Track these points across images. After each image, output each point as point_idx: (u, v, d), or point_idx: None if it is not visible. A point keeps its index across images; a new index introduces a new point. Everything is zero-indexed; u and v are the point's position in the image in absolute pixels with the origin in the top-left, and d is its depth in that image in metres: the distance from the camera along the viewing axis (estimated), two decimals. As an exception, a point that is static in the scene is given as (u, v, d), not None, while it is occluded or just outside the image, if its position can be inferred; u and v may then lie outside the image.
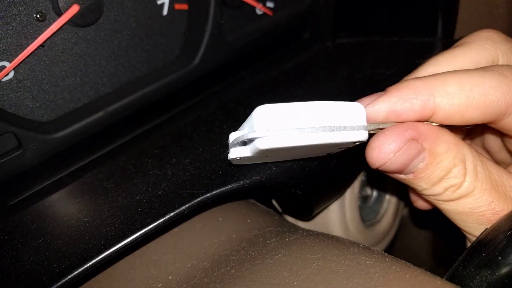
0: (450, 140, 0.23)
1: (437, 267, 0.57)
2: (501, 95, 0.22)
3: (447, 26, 0.43)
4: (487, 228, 0.23)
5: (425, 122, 0.23)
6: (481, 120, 0.23)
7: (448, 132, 0.23)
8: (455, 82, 0.23)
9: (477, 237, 0.23)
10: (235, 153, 0.23)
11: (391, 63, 0.39)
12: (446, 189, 0.23)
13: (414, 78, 0.24)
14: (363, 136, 0.22)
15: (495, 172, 0.23)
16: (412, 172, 0.23)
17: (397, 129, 0.23)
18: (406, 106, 0.23)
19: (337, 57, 0.44)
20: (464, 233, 0.25)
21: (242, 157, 0.23)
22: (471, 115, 0.23)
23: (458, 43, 0.27)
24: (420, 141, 0.23)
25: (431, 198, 0.24)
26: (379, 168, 0.24)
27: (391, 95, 0.23)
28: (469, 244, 0.24)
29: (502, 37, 0.26)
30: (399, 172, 0.24)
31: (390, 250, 0.51)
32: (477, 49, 0.25)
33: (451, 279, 0.22)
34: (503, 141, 0.29)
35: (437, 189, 0.24)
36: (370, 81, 0.37)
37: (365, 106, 0.23)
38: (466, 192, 0.23)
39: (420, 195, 0.25)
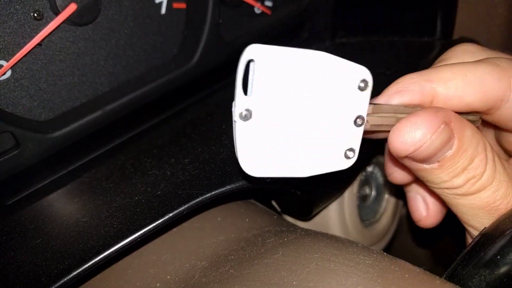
0: (472, 127, 0.22)
1: (436, 267, 0.57)
2: (496, 80, 0.22)
3: (445, 26, 0.43)
4: (485, 227, 0.23)
5: None
6: (480, 105, 0.23)
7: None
8: (448, 70, 0.22)
9: (476, 236, 0.23)
10: (240, 105, 0.20)
11: (390, 63, 0.39)
12: (468, 180, 0.21)
13: (407, 74, 0.23)
14: (367, 74, 0.21)
15: (506, 164, 0.23)
16: (438, 161, 0.21)
17: (428, 110, 0.21)
18: (405, 96, 0.22)
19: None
20: (470, 229, 0.24)
21: (249, 109, 0.20)
22: (469, 98, 0.22)
23: (437, 61, 0.26)
24: (452, 125, 0.21)
25: (446, 192, 0.23)
26: (408, 156, 0.21)
27: (388, 90, 0.23)
28: (470, 241, 0.24)
29: (478, 47, 0.26)
30: (426, 161, 0.21)
31: (389, 249, 0.51)
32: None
33: (449, 279, 0.22)
34: (498, 138, 0.29)
35: (458, 181, 0.22)
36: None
37: None
38: (486, 184, 0.22)
39: (428, 190, 0.24)
